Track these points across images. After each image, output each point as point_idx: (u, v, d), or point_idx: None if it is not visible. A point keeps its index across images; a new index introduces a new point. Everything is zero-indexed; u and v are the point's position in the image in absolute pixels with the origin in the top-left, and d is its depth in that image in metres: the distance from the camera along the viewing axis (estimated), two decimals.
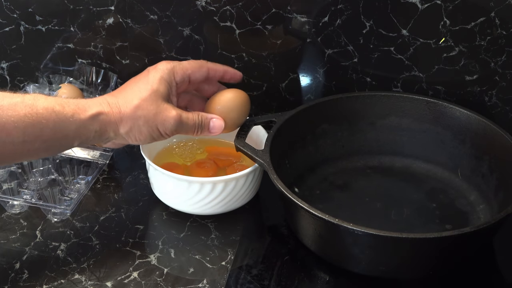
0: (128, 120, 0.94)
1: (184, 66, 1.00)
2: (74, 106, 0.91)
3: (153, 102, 0.94)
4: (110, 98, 0.95)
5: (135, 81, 0.97)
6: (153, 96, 0.94)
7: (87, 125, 0.91)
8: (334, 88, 1.22)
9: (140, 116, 0.94)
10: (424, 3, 1.12)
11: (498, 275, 1.02)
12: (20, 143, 0.87)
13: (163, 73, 0.97)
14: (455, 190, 1.11)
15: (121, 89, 0.97)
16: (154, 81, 0.95)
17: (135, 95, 0.94)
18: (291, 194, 0.95)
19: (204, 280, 0.98)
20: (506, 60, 1.15)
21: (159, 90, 0.95)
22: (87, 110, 0.91)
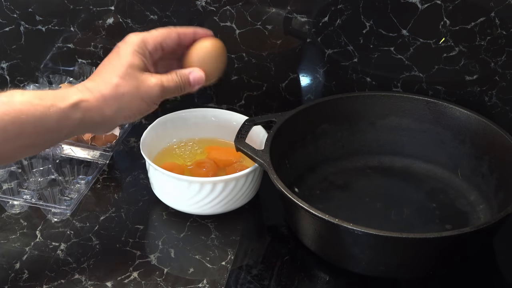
0: (112, 101, 0.91)
1: (154, 34, 0.96)
2: (52, 97, 0.88)
3: (131, 76, 0.91)
4: (88, 83, 0.92)
5: (108, 61, 0.94)
6: (129, 70, 0.91)
7: (69, 114, 0.88)
8: (334, 88, 1.22)
9: (123, 93, 0.91)
10: (424, 3, 1.12)
11: (498, 275, 1.02)
12: (3, 142, 0.85)
13: (134, 45, 0.93)
14: (455, 190, 1.11)
15: (96, 72, 0.94)
16: (127, 55, 0.92)
17: (112, 74, 0.91)
18: (291, 194, 0.95)
19: (204, 280, 0.98)
20: (506, 60, 1.15)
21: (134, 63, 0.92)
22: (66, 99, 0.88)
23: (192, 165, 1.14)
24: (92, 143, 1.16)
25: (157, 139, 1.15)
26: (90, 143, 1.16)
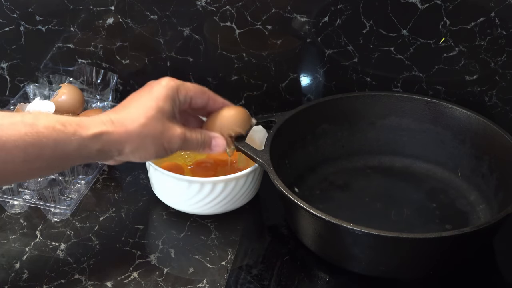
0: (135, 139, 0.91)
1: (188, 87, 0.97)
2: (76, 125, 0.88)
3: (159, 120, 0.92)
4: (114, 115, 0.91)
5: (138, 97, 0.94)
6: (159, 114, 0.92)
7: (89, 144, 0.88)
8: (334, 88, 1.22)
9: (147, 135, 0.91)
10: (424, 3, 1.12)
11: (498, 275, 1.02)
12: (21, 162, 0.85)
13: (168, 90, 0.94)
14: (455, 190, 1.11)
15: (124, 105, 0.94)
16: (159, 98, 0.93)
17: (140, 112, 0.91)
18: (291, 194, 0.95)
19: (204, 280, 0.98)
20: (506, 60, 1.15)
21: (164, 108, 0.92)
22: (89, 129, 0.88)
23: (192, 165, 1.14)
24: None
25: None
26: None
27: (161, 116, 0.92)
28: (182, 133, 0.94)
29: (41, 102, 1.20)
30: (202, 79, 1.25)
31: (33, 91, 1.26)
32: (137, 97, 0.94)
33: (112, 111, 0.93)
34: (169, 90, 0.94)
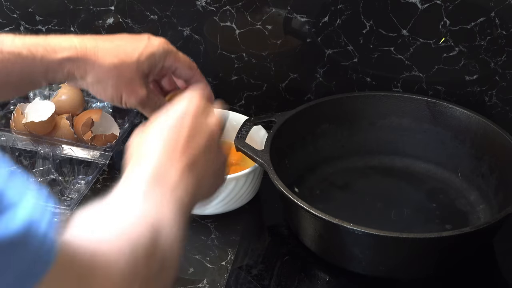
0: (99, 74, 0.88)
1: (178, 57, 0.93)
2: (43, 50, 0.86)
3: (131, 71, 0.88)
4: (90, 41, 0.89)
5: (128, 39, 0.91)
6: (134, 66, 0.88)
7: (56, 68, 0.86)
8: (334, 88, 1.22)
9: (112, 76, 0.88)
10: (424, 3, 1.12)
11: (498, 275, 1.02)
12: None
13: (158, 49, 0.91)
14: (455, 190, 1.11)
15: (109, 38, 0.91)
16: (145, 52, 0.89)
17: (118, 53, 0.89)
18: (291, 194, 0.95)
19: (204, 280, 0.98)
20: (506, 60, 1.15)
21: (143, 64, 0.89)
22: (58, 53, 0.86)
23: None
24: (92, 143, 1.16)
25: None
26: (90, 143, 1.16)
27: (135, 69, 0.89)
28: (146, 95, 0.90)
29: (41, 102, 1.20)
30: None
31: (33, 91, 1.26)
32: (126, 39, 0.91)
33: (93, 38, 0.90)
34: (159, 50, 0.91)
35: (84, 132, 1.16)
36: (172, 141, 0.76)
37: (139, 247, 0.65)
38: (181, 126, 0.78)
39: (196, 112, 0.80)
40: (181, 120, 0.78)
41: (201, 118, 0.80)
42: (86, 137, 1.16)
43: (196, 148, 0.77)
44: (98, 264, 0.60)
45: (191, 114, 0.79)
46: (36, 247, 0.51)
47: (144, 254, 0.65)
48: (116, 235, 0.65)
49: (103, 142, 1.17)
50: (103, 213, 0.70)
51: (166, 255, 0.68)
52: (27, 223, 0.50)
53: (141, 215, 0.69)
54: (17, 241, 0.49)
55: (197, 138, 0.78)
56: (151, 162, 0.74)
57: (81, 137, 1.17)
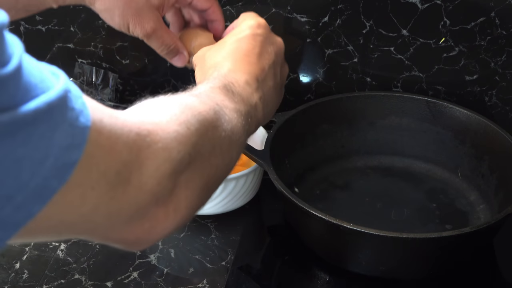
0: (107, 1, 0.88)
1: None
2: None
3: (140, 1, 0.88)
4: None
5: None
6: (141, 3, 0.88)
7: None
8: (334, 88, 1.22)
9: (119, 6, 0.88)
10: (424, 3, 1.12)
11: (498, 275, 1.02)
12: None
13: None
14: (455, 190, 1.11)
15: None
16: None
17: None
18: (291, 194, 0.95)
19: (204, 280, 0.98)
20: (506, 60, 1.15)
21: None
22: None
23: None
24: None
25: None
26: None
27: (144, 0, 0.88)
28: (152, 29, 0.89)
29: None
30: None
31: None
32: None
33: None
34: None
35: None
36: (245, 51, 0.80)
37: (197, 118, 0.65)
38: (254, 36, 0.81)
39: (267, 26, 0.84)
40: (252, 31, 0.82)
41: (271, 33, 0.85)
42: None
43: (269, 59, 0.81)
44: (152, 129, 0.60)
45: (264, 27, 0.84)
46: (73, 114, 0.52)
47: (202, 127, 0.65)
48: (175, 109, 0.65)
49: None
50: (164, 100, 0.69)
51: (227, 136, 0.69)
52: (63, 93, 0.51)
53: (205, 97, 0.69)
54: (56, 106, 0.50)
55: (269, 49, 0.82)
56: (222, 71, 0.77)
57: None
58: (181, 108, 0.65)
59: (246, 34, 0.82)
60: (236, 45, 0.80)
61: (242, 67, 0.78)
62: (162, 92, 1.28)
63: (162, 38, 0.91)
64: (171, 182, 0.61)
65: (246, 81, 0.77)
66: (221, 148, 0.68)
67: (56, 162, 0.50)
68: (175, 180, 0.61)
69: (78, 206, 0.53)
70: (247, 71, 0.78)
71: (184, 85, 1.27)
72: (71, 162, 0.51)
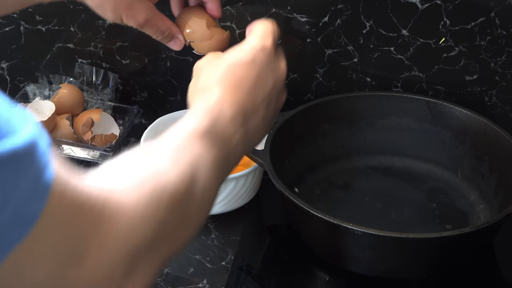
0: None
1: None
2: None
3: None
4: None
5: None
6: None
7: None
8: (334, 88, 1.22)
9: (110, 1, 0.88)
10: (424, 3, 1.12)
11: (498, 275, 1.02)
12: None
13: None
14: (455, 190, 1.11)
15: None
16: None
17: None
18: (291, 194, 0.95)
19: (204, 280, 0.98)
20: (506, 60, 1.15)
21: None
22: None
23: None
24: (92, 143, 1.16)
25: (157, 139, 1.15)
26: (90, 143, 1.16)
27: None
28: (145, 19, 0.89)
29: (41, 102, 1.20)
30: None
31: (33, 91, 1.26)
32: None
33: None
34: None
35: (84, 132, 1.16)
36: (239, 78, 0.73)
37: (167, 191, 0.59)
38: (254, 62, 0.74)
39: (271, 48, 0.76)
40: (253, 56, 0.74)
41: (274, 58, 0.76)
42: (86, 137, 1.16)
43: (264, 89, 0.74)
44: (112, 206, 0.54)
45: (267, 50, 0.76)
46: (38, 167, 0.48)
47: (171, 201, 0.60)
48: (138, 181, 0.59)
49: (103, 142, 1.17)
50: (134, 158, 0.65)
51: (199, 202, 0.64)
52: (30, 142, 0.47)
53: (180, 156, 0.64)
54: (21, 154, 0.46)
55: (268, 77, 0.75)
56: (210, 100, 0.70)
57: (81, 137, 1.17)
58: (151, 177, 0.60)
59: (246, 58, 0.74)
60: (232, 70, 0.73)
61: (232, 97, 0.71)
62: (162, 92, 1.28)
63: (156, 25, 0.91)
64: (130, 263, 0.55)
65: (232, 116, 0.70)
66: (191, 218, 0.63)
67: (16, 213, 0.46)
68: (134, 261, 0.56)
69: (29, 272, 0.49)
70: (236, 103, 0.71)
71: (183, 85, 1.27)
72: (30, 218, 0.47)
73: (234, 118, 0.70)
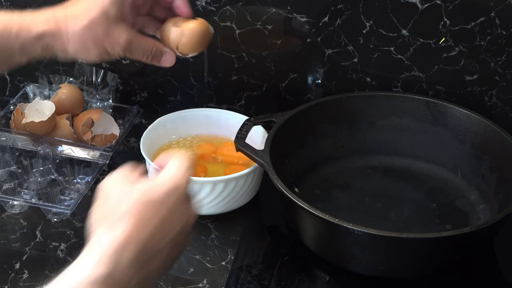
0: (77, 41, 0.89)
1: None
2: (18, 25, 0.87)
3: (102, 24, 0.89)
4: (61, 11, 0.90)
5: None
6: (103, 18, 0.89)
7: (32, 43, 0.88)
8: (334, 88, 1.22)
9: (88, 38, 0.89)
10: (424, 3, 1.12)
11: (498, 275, 1.02)
12: None
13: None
14: (455, 190, 1.11)
15: (74, 2, 0.91)
16: (105, 1, 0.90)
17: (84, 14, 0.89)
18: (291, 194, 0.95)
19: (204, 280, 0.98)
20: (506, 60, 1.15)
21: (110, 11, 0.89)
22: (32, 28, 0.88)
23: None
24: (92, 143, 1.16)
25: (157, 139, 1.15)
26: (90, 143, 1.16)
27: (105, 19, 0.89)
28: (127, 40, 0.90)
29: (41, 102, 1.20)
30: (202, 79, 1.25)
31: (33, 91, 1.26)
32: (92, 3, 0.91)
33: (62, 7, 0.91)
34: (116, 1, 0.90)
35: (84, 132, 1.16)
36: (148, 216, 0.69)
37: None
38: (165, 202, 0.70)
39: (184, 190, 0.72)
40: (165, 196, 0.70)
41: (186, 199, 0.73)
42: (86, 137, 1.16)
43: (168, 233, 0.70)
44: None
45: (180, 193, 0.72)
46: None
47: None
48: None
49: (103, 142, 1.17)
50: None
51: None
52: None
53: None
54: None
55: (175, 221, 0.71)
56: (113, 239, 0.67)
57: (81, 137, 1.17)
58: None
59: (158, 196, 0.70)
60: (142, 207, 0.69)
61: (137, 238, 0.67)
62: (162, 92, 1.28)
63: (141, 45, 0.92)
64: None
65: (133, 259, 0.67)
66: None
67: None
68: None
69: None
70: (140, 243, 0.67)
71: (183, 85, 1.27)
72: None
73: (135, 261, 0.67)
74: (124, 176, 0.72)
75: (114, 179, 0.72)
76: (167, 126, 1.17)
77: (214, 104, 1.27)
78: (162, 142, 1.16)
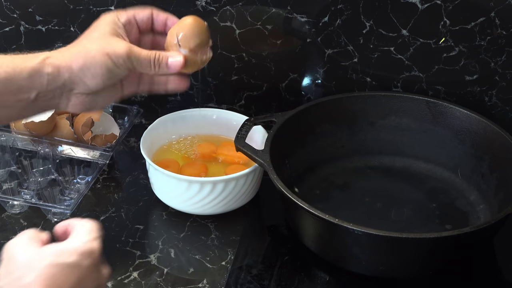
0: (80, 56, 0.88)
1: (127, 10, 0.95)
2: (22, 59, 0.87)
3: (100, 37, 0.89)
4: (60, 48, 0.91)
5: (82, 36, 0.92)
6: (100, 34, 0.90)
7: (39, 68, 0.86)
8: (334, 88, 1.22)
9: (90, 49, 0.88)
10: (424, 3, 1.12)
11: (498, 275, 1.02)
12: None
13: (105, 17, 0.92)
14: (455, 190, 1.11)
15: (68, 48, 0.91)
16: (97, 26, 0.91)
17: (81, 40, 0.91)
18: (291, 194, 0.95)
19: (204, 280, 0.98)
20: (506, 60, 1.15)
21: (105, 29, 0.90)
22: (36, 57, 0.87)
23: (183, 164, 1.13)
24: (92, 143, 1.16)
25: (157, 139, 1.15)
26: (90, 143, 1.16)
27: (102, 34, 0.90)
28: (127, 46, 0.90)
29: None
30: (202, 79, 1.25)
31: None
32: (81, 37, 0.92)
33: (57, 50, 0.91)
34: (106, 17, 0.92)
35: (84, 132, 1.16)
36: (59, 282, 0.68)
37: None
38: (78, 267, 0.70)
39: (96, 254, 0.73)
40: (80, 259, 0.70)
41: (99, 263, 0.73)
42: (86, 137, 1.16)
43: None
44: None
45: (93, 256, 0.72)
46: None
47: None
48: None
49: (103, 142, 1.17)
50: None
51: None
52: None
53: None
54: None
55: (88, 284, 0.71)
56: None
57: (81, 137, 1.17)
58: None
59: (70, 260, 0.70)
60: (53, 271, 0.68)
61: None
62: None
63: (141, 53, 0.90)
64: None
65: None
66: None
67: None
68: None
69: None
70: None
71: None
72: None
73: None
74: (32, 237, 0.72)
75: (21, 240, 0.71)
76: (167, 126, 1.17)
77: (214, 104, 1.27)
78: (162, 142, 1.17)
